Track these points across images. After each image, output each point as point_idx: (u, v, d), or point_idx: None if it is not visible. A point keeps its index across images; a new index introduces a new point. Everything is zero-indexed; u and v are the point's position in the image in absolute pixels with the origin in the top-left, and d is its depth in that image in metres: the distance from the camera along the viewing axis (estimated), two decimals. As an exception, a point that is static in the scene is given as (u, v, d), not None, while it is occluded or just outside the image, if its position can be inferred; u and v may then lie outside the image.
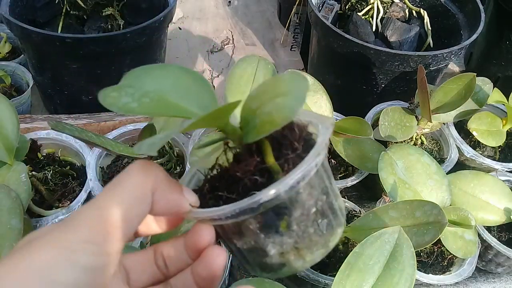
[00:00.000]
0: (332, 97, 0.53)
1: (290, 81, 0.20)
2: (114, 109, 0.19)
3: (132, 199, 0.18)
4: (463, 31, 0.65)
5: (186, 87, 0.21)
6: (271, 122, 0.18)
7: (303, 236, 0.20)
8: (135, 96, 0.20)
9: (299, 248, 0.20)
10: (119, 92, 0.20)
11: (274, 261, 0.21)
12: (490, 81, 0.57)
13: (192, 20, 0.91)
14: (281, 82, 0.20)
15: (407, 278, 0.32)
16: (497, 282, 0.53)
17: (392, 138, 0.52)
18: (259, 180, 0.20)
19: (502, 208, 0.47)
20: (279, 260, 0.21)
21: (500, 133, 0.56)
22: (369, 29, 0.68)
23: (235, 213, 0.19)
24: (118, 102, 0.19)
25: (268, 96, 0.20)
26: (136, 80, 0.21)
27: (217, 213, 0.19)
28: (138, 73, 0.21)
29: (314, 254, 0.21)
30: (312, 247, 0.21)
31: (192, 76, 0.22)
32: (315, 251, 0.21)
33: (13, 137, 0.42)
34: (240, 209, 0.19)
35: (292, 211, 0.20)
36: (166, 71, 0.22)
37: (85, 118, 0.60)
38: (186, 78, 0.21)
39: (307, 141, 0.21)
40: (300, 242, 0.20)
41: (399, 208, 0.38)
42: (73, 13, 0.66)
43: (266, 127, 0.19)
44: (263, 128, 0.19)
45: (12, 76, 0.68)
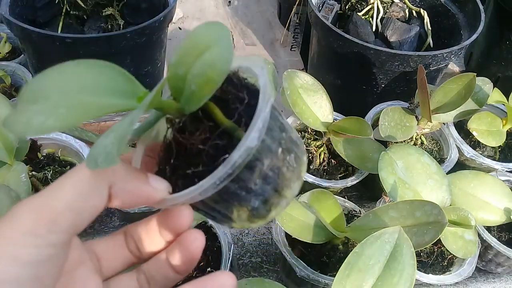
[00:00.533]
0: (332, 97, 0.53)
1: (207, 32, 0.18)
2: (30, 134, 0.17)
3: (81, 190, 0.17)
4: (463, 31, 0.65)
5: (97, 80, 0.18)
6: (208, 82, 0.17)
7: (279, 178, 0.21)
8: (48, 112, 0.17)
9: (278, 190, 0.21)
10: (25, 113, 0.17)
11: (260, 211, 0.21)
12: (490, 81, 0.57)
13: (192, 20, 0.91)
14: (199, 37, 0.18)
15: (407, 278, 0.32)
16: (497, 282, 0.53)
17: (392, 138, 0.52)
18: (220, 144, 0.19)
19: (502, 208, 0.47)
20: (265, 207, 0.21)
21: (500, 133, 0.56)
22: (369, 29, 0.68)
23: (216, 184, 0.18)
24: (32, 124, 0.16)
25: (191, 57, 0.18)
26: (37, 93, 0.17)
27: (198, 191, 0.18)
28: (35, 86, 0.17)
29: (292, 189, 0.21)
30: (290, 184, 0.21)
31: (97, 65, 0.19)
32: (293, 185, 0.21)
33: (13, 137, 0.42)
34: (219, 178, 0.18)
35: (263, 160, 0.20)
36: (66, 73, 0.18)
37: (85, 118, 0.59)
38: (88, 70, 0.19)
39: (248, 87, 0.20)
40: (278, 185, 0.21)
41: (399, 208, 0.38)
42: (73, 13, 0.66)
43: (205, 89, 0.17)
44: (203, 92, 0.18)
45: (12, 76, 0.68)
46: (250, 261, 0.53)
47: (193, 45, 0.19)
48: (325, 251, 0.44)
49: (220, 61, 0.17)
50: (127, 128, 0.17)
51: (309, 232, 0.41)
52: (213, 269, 0.41)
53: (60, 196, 0.17)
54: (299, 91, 0.52)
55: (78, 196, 0.17)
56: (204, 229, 0.44)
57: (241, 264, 0.52)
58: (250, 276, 0.50)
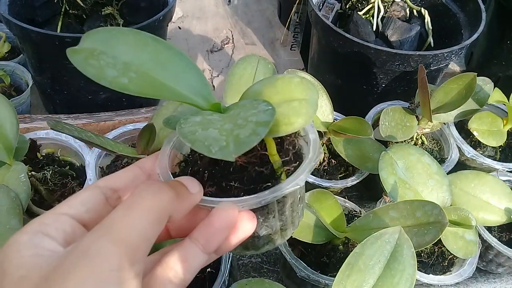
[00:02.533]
0: (332, 97, 0.53)
1: (301, 86, 0.21)
2: (103, 83, 0.17)
3: (152, 220, 0.18)
4: (464, 30, 0.65)
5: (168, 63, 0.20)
6: (288, 125, 0.20)
7: (289, 219, 0.23)
8: (118, 69, 0.18)
9: (283, 229, 0.23)
10: (97, 60, 0.18)
11: (260, 242, 0.23)
12: (490, 81, 0.57)
13: (192, 19, 0.91)
14: (293, 86, 0.21)
15: (407, 279, 0.31)
16: (497, 283, 0.53)
17: (393, 138, 0.52)
18: (264, 172, 0.21)
19: (503, 208, 0.47)
20: (265, 240, 0.23)
21: (500, 133, 0.56)
22: (369, 28, 0.68)
23: (260, 204, 0.20)
24: (104, 74, 0.18)
25: (280, 97, 0.21)
26: (106, 44, 0.19)
27: (241, 204, 0.20)
28: (104, 36, 0.19)
29: (289, 233, 0.24)
30: (291, 227, 0.24)
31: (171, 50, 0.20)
32: (291, 230, 0.24)
33: (13, 137, 0.41)
34: (265, 200, 0.20)
35: (288, 199, 0.22)
36: (140, 40, 0.20)
37: (85, 118, 0.59)
38: (165, 52, 0.20)
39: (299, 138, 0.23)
40: (285, 224, 0.23)
41: (400, 208, 0.38)
42: (72, 12, 0.66)
43: (282, 128, 0.20)
44: (278, 129, 0.20)
45: (12, 75, 0.68)
46: (250, 262, 0.52)
47: (283, 87, 0.21)
48: (325, 252, 0.44)
49: (305, 114, 0.20)
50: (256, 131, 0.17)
51: (309, 232, 0.41)
52: (213, 270, 0.41)
53: (135, 227, 0.17)
54: (299, 90, 0.51)
55: (150, 226, 0.18)
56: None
57: (241, 264, 0.52)
58: (250, 277, 0.50)
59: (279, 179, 0.22)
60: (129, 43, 0.19)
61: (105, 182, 0.22)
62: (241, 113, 0.19)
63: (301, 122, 0.19)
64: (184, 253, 0.20)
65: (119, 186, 0.22)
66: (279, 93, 0.21)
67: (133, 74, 0.18)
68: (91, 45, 0.19)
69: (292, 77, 0.21)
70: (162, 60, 0.20)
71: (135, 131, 0.53)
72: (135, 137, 0.53)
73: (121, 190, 0.22)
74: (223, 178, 0.21)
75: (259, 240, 0.23)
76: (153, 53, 0.20)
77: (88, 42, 0.19)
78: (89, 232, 0.17)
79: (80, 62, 0.18)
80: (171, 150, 0.24)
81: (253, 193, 0.21)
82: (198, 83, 0.21)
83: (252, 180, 0.21)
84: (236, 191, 0.21)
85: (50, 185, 0.46)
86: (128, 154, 0.41)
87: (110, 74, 0.18)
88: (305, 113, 0.20)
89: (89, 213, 0.20)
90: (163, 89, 0.19)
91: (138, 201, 0.18)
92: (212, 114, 0.20)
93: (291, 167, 0.22)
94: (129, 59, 0.19)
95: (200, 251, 0.20)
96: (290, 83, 0.21)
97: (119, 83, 0.18)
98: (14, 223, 0.37)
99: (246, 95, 0.22)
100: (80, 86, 0.61)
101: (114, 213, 0.18)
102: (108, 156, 0.52)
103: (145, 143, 0.44)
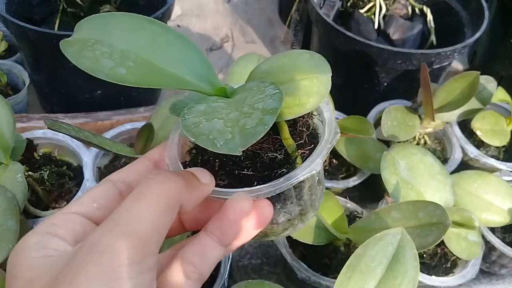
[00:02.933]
0: (334, 96, 0.52)
1: (311, 62, 0.19)
2: (100, 75, 0.16)
3: (161, 210, 0.17)
4: (467, 29, 0.64)
5: (168, 47, 0.18)
6: (299, 106, 0.18)
7: (308, 202, 0.22)
8: (115, 58, 0.17)
9: (302, 213, 0.22)
10: (92, 50, 0.17)
11: (279, 228, 0.22)
12: (494, 80, 0.56)
13: (191, 17, 0.90)
14: (301, 62, 0.19)
15: (409, 280, 0.31)
16: (500, 284, 0.53)
17: (395, 138, 0.51)
18: (278, 157, 0.20)
19: (506, 209, 0.46)
20: (285, 226, 0.22)
21: (504, 132, 0.55)
22: (371, 26, 0.67)
23: (275, 192, 0.19)
24: (100, 66, 0.16)
25: (288, 75, 0.19)
26: (101, 33, 0.17)
27: (255, 194, 0.19)
28: (98, 23, 0.18)
29: (309, 216, 0.23)
30: (311, 211, 0.23)
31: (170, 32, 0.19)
32: (311, 213, 0.23)
33: (9, 137, 0.41)
34: (280, 188, 0.19)
35: (306, 184, 0.21)
36: (136, 24, 0.18)
37: (82, 117, 0.59)
38: (164, 35, 0.18)
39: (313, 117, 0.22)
40: (305, 208, 0.22)
41: (402, 209, 0.38)
42: (70, 10, 0.65)
43: (293, 110, 0.18)
44: (290, 110, 0.18)
45: (8, 74, 0.68)
46: (250, 263, 0.52)
47: (292, 65, 0.20)
48: (326, 253, 0.44)
49: (317, 93, 0.18)
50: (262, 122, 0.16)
51: (310, 234, 0.41)
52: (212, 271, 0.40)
53: (144, 218, 0.16)
54: (300, 89, 0.51)
55: (159, 216, 0.17)
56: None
57: (241, 266, 0.52)
58: (250, 278, 0.49)
59: (294, 164, 0.20)
60: (125, 29, 0.18)
61: (117, 176, 0.21)
62: (247, 98, 0.18)
63: (313, 102, 0.18)
64: (200, 247, 0.19)
65: (131, 179, 0.21)
66: (287, 72, 0.19)
67: (131, 63, 0.17)
68: (86, 35, 0.17)
69: (301, 52, 0.20)
70: (161, 44, 0.18)
71: (134, 131, 0.53)
72: (133, 137, 0.53)
73: (133, 184, 0.21)
74: (235, 165, 0.20)
75: (278, 226, 0.22)
76: (151, 37, 0.18)
77: (82, 32, 0.18)
78: (97, 228, 0.16)
79: (74, 54, 0.17)
80: (180, 137, 0.22)
81: (268, 180, 0.20)
82: (201, 67, 0.19)
83: (266, 166, 0.20)
84: (250, 179, 0.20)
85: (47, 186, 0.45)
86: (126, 154, 0.40)
87: (107, 65, 0.17)
88: (316, 92, 0.18)
89: (101, 209, 0.19)
90: (165, 77, 0.18)
91: (145, 191, 0.17)
92: (218, 100, 0.19)
93: (306, 150, 0.20)
94: (126, 47, 0.18)
95: (217, 244, 0.19)
96: (299, 60, 0.20)
97: (116, 74, 0.17)
98: (11, 224, 0.36)
99: (253, 75, 0.21)
100: (77, 85, 0.61)
101: (121, 206, 0.17)
102: (106, 156, 0.51)
103: (143, 142, 0.44)
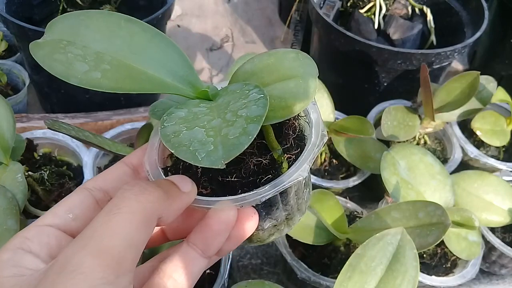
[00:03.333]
0: (334, 96, 0.52)
1: (297, 62, 0.18)
2: (73, 81, 0.15)
3: (137, 224, 0.16)
4: (467, 29, 0.64)
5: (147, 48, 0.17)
6: (285, 109, 0.17)
7: (295, 206, 0.21)
8: (89, 61, 0.15)
9: (289, 218, 0.21)
10: (64, 53, 0.15)
11: (265, 234, 0.21)
12: (494, 80, 0.56)
13: (191, 17, 0.90)
14: (287, 62, 0.18)
15: (409, 280, 0.31)
16: (500, 284, 0.53)
17: (395, 138, 0.51)
18: (263, 163, 0.19)
19: (506, 209, 0.46)
20: (270, 231, 0.21)
21: (504, 132, 0.55)
22: (371, 26, 0.67)
23: (260, 201, 0.18)
24: (73, 70, 0.15)
25: (274, 76, 0.18)
26: (74, 33, 0.16)
27: (239, 202, 0.18)
28: (71, 23, 0.16)
29: (296, 220, 0.22)
30: (298, 215, 0.22)
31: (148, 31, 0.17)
32: (298, 217, 0.22)
33: (9, 137, 0.41)
34: (266, 196, 0.18)
35: (292, 189, 0.20)
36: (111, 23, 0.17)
37: (82, 117, 0.59)
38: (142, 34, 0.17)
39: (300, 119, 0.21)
40: (291, 213, 0.21)
41: (402, 209, 0.38)
42: (70, 10, 0.65)
43: (279, 113, 0.17)
44: (275, 114, 0.17)
45: (8, 74, 0.68)
46: (250, 263, 0.52)
47: (277, 65, 0.19)
48: (326, 253, 0.44)
49: (303, 95, 0.17)
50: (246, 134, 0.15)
51: (310, 234, 0.41)
52: (212, 271, 0.40)
53: (118, 233, 0.15)
54: (300, 89, 0.51)
55: (135, 231, 0.16)
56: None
57: (241, 266, 0.52)
58: (250, 278, 0.49)
59: (280, 169, 0.19)
60: (100, 28, 0.17)
61: (93, 183, 0.20)
62: (230, 102, 0.17)
63: (300, 105, 0.17)
64: (182, 259, 0.18)
65: (108, 186, 0.20)
66: (272, 72, 0.18)
67: (107, 66, 0.16)
68: (57, 36, 0.16)
69: (286, 52, 0.19)
70: (140, 45, 0.17)
71: (133, 131, 0.52)
72: (133, 137, 0.53)
73: (110, 191, 0.20)
74: (219, 171, 0.19)
75: (264, 232, 0.21)
76: (128, 37, 0.17)
77: (53, 33, 0.16)
78: (69, 245, 0.15)
79: (44, 58, 0.15)
80: (161, 141, 0.21)
81: (253, 186, 0.19)
82: (182, 68, 0.18)
83: (250, 172, 0.19)
84: (234, 185, 0.19)
85: (47, 186, 0.45)
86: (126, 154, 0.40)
87: (80, 69, 0.15)
88: (303, 94, 0.17)
89: (77, 220, 0.18)
90: (143, 80, 0.17)
91: (120, 204, 0.16)
92: (199, 104, 0.18)
93: (292, 154, 0.20)
94: (101, 48, 0.16)
95: (199, 256, 0.19)
96: (284, 60, 0.18)
97: (91, 79, 0.15)
98: (11, 224, 0.36)
99: (237, 76, 0.20)
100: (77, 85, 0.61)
101: (95, 220, 0.16)
102: (106, 156, 0.51)
103: (143, 142, 0.44)
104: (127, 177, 0.21)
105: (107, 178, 0.20)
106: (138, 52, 0.17)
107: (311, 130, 0.20)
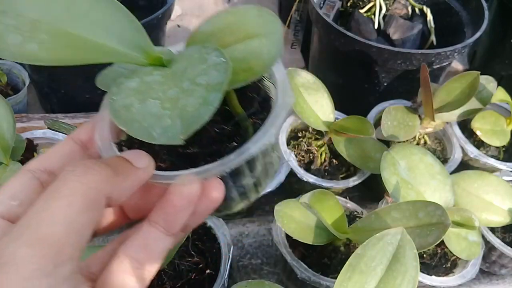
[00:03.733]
0: (334, 96, 0.52)
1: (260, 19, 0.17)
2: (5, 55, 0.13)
3: (79, 207, 0.15)
4: (467, 29, 0.64)
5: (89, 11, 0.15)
6: (248, 71, 0.16)
7: (263, 171, 0.20)
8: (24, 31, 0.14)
9: (257, 184, 0.20)
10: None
11: (233, 203, 0.20)
12: (494, 80, 0.56)
13: (191, 17, 0.90)
14: (249, 20, 0.17)
15: (409, 280, 0.31)
16: (500, 284, 0.53)
17: (395, 138, 0.51)
18: (226, 129, 0.18)
19: (506, 209, 0.46)
20: (238, 200, 0.20)
21: (504, 132, 0.55)
22: (371, 26, 0.67)
23: (225, 171, 0.17)
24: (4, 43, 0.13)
25: (235, 36, 0.17)
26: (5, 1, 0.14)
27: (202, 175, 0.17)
28: None
29: (264, 185, 0.21)
30: (266, 180, 0.21)
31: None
32: (266, 182, 0.21)
33: (9, 137, 0.41)
34: (231, 166, 0.17)
35: (259, 155, 0.19)
36: None
37: (82, 117, 0.59)
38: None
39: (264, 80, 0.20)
40: (259, 179, 0.20)
41: (402, 209, 0.38)
42: None
43: (242, 76, 0.16)
44: (238, 77, 0.16)
45: (8, 74, 0.68)
46: (250, 263, 0.52)
47: (238, 24, 0.17)
48: (326, 253, 0.44)
49: (267, 55, 0.16)
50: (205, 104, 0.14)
51: (310, 234, 0.41)
52: (212, 271, 0.40)
53: (57, 219, 0.14)
54: (300, 89, 0.51)
55: (77, 215, 0.14)
56: (203, 230, 0.44)
57: (241, 266, 0.52)
58: (250, 278, 0.49)
59: (246, 135, 0.18)
60: None
61: (36, 163, 0.18)
62: (188, 69, 0.15)
63: (263, 65, 0.16)
64: (144, 240, 0.17)
65: (54, 166, 0.18)
66: (233, 32, 0.17)
67: (44, 36, 0.14)
68: None
69: (248, 9, 0.17)
70: (82, 9, 0.15)
71: (134, 131, 0.52)
72: (133, 137, 0.53)
73: (57, 171, 0.18)
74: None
75: (231, 201, 0.20)
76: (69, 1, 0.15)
77: None
78: (4, 236, 0.14)
79: None
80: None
81: (217, 156, 0.17)
82: (131, 32, 0.16)
83: (213, 140, 0.17)
84: (196, 157, 0.17)
85: (47, 185, 0.45)
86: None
87: (13, 41, 0.13)
88: (267, 53, 0.16)
89: (23, 206, 0.16)
90: (86, 49, 0.15)
91: (61, 187, 0.15)
92: (153, 72, 0.16)
93: (258, 119, 0.18)
94: (38, 16, 0.14)
95: (163, 234, 0.17)
96: (246, 18, 0.17)
97: (26, 51, 0.14)
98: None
99: (194, 38, 0.18)
100: (77, 85, 0.61)
101: (33, 206, 0.15)
102: (106, 155, 0.51)
103: (143, 142, 0.43)
104: (74, 154, 0.19)
105: (52, 157, 0.18)
106: (79, 18, 0.15)
107: (277, 92, 0.18)
